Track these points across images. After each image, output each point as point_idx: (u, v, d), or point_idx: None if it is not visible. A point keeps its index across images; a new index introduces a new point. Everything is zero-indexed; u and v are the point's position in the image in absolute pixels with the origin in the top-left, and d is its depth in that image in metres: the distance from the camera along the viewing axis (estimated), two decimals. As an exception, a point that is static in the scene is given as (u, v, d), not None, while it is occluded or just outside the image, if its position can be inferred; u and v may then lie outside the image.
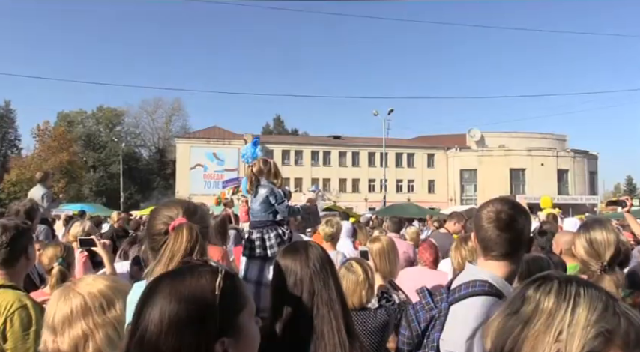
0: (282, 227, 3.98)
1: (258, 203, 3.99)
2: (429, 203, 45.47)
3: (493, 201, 1.69)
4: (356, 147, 51.24)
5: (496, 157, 49.21)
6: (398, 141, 52.18)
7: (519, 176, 49.46)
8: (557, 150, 50.20)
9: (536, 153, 49.19)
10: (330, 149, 51.07)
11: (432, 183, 51.99)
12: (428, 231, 10.62)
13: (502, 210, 1.64)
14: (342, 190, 49.55)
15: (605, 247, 2.15)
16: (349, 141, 51.88)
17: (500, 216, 1.62)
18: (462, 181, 50.48)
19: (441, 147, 52.03)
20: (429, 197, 50.33)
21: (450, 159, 51.42)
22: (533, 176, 48.55)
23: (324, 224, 4.54)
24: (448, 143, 51.62)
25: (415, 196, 48.78)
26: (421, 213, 23.61)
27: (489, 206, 1.67)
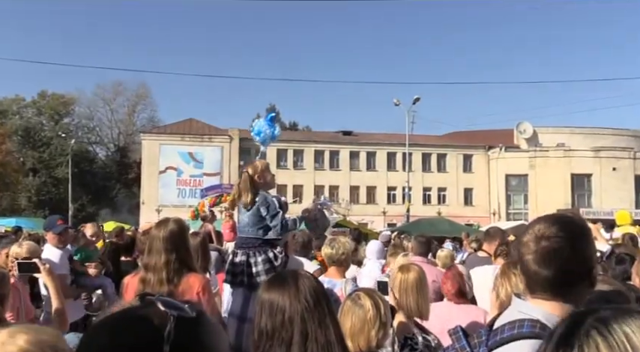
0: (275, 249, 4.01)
1: (247, 214, 4.02)
2: (465, 218, 45.34)
3: (539, 220, 1.68)
4: (371, 146, 51.32)
5: (553, 159, 49.21)
6: (425, 138, 52.24)
7: (584, 184, 49.43)
8: (635, 151, 50.17)
9: (607, 155, 49.19)
10: (339, 148, 51.19)
11: (469, 193, 51.95)
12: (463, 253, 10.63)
13: (544, 234, 1.60)
14: (353, 201, 49.58)
15: None
16: (363, 139, 51.97)
17: (541, 245, 1.60)
18: (509, 190, 50.53)
19: (480, 147, 52.07)
20: (466, 210, 50.22)
21: (492, 162, 51.45)
22: (601, 184, 48.48)
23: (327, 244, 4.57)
24: (490, 141, 51.63)
25: (447, 209, 48.70)
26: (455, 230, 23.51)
27: (532, 227, 1.66)
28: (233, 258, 4.07)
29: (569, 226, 1.64)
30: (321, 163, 50.96)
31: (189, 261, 3.25)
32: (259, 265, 3.90)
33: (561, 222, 1.64)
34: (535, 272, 1.61)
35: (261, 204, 3.95)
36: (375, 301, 2.56)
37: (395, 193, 50.55)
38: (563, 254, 1.58)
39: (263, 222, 3.96)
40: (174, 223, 3.25)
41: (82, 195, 54.07)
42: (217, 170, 47.61)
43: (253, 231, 4.00)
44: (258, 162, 4.34)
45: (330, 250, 4.48)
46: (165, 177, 47.19)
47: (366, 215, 46.66)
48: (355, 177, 50.69)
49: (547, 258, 1.59)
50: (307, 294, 1.75)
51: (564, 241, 1.59)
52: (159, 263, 3.11)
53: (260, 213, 3.95)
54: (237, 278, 3.95)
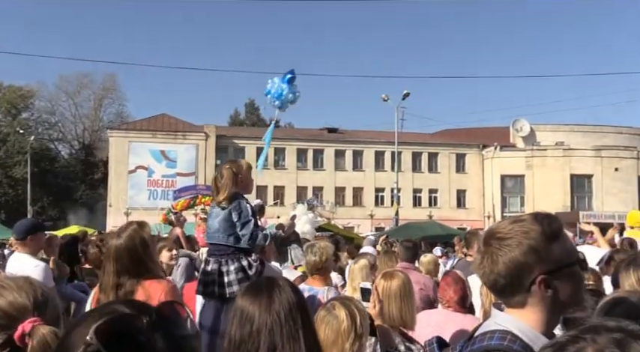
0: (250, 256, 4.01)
1: (218, 220, 4.01)
2: (457, 221, 45.66)
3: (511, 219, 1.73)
4: (358, 144, 51.47)
5: (551, 159, 49.56)
6: (416, 136, 52.53)
7: (584, 185, 49.87)
8: (639, 150, 50.62)
9: (608, 154, 49.57)
10: (324, 147, 51.27)
11: (462, 194, 52.32)
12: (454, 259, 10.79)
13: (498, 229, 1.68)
14: (338, 203, 49.59)
15: None
16: (349, 136, 52.11)
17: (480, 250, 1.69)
18: (504, 192, 50.81)
19: (474, 145, 52.45)
20: (459, 213, 50.60)
21: (487, 162, 51.74)
22: (603, 185, 48.90)
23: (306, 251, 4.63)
24: (485, 139, 51.95)
25: (439, 212, 49.02)
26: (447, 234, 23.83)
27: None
28: (205, 266, 4.05)
29: (533, 222, 1.69)
30: (304, 163, 50.95)
31: (149, 270, 3.23)
32: (231, 274, 3.89)
33: (528, 217, 1.70)
34: (491, 271, 1.66)
35: (233, 209, 3.94)
36: (351, 311, 2.53)
37: (383, 195, 50.74)
38: (511, 249, 1.64)
39: (234, 228, 3.95)
40: (126, 238, 3.21)
41: (43, 196, 53.45)
42: (192, 170, 47.38)
43: (224, 237, 3.98)
44: (243, 162, 4.36)
45: (312, 257, 4.50)
46: (135, 177, 46.83)
47: (353, 218, 46.74)
48: (341, 178, 50.76)
49: (481, 262, 1.68)
50: (279, 306, 1.79)
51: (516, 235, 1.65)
52: (108, 286, 3.17)
53: (232, 218, 3.93)
54: (209, 288, 3.94)
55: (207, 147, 48.32)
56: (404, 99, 36.02)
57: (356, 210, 49.61)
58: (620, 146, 50.77)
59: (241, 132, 53.19)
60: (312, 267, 4.52)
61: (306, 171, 50.49)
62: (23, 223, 5.11)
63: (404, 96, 35.60)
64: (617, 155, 49.68)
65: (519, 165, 49.85)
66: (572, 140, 50.92)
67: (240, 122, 67.14)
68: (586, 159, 49.30)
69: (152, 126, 48.70)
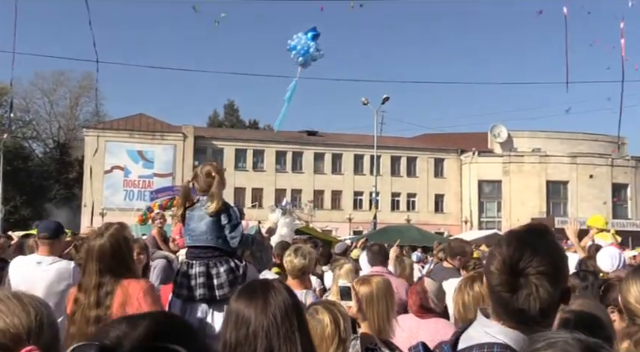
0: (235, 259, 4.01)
1: (204, 222, 3.98)
2: (435, 225, 46.01)
3: (509, 244, 1.64)
4: (338, 147, 51.59)
5: (528, 165, 50.19)
6: (395, 140, 52.84)
7: (559, 191, 50.56)
8: (613, 158, 51.16)
9: (583, 161, 50.34)
10: (303, 149, 51.29)
11: (440, 199, 52.73)
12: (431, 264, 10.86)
13: (522, 270, 1.57)
14: (317, 206, 49.68)
15: None
16: (328, 139, 52.20)
17: (519, 284, 1.57)
18: (482, 197, 51.26)
19: (452, 150, 52.89)
20: (436, 217, 50.99)
21: (464, 167, 52.19)
22: (578, 191, 49.62)
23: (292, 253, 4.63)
24: (463, 144, 52.43)
25: (417, 216, 49.33)
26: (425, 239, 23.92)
27: (502, 255, 1.62)
28: (187, 269, 3.98)
29: (548, 255, 1.62)
30: (282, 165, 50.92)
31: (129, 270, 3.31)
32: (222, 276, 3.87)
33: (537, 250, 1.61)
34: (515, 310, 1.59)
35: (224, 212, 3.94)
36: (334, 315, 2.53)
37: (362, 198, 50.88)
38: (546, 292, 1.57)
39: (223, 230, 3.94)
40: (109, 236, 3.28)
41: (15, 195, 52.52)
42: (169, 170, 47.04)
43: (212, 239, 3.96)
44: (219, 165, 4.35)
45: (301, 260, 4.48)
46: (111, 178, 46.34)
47: (331, 221, 46.84)
48: (319, 181, 50.80)
49: (529, 297, 1.57)
50: (275, 308, 1.80)
51: (546, 278, 1.58)
52: (90, 285, 3.21)
53: (220, 221, 3.93)
54: (195, 291, 3.88)
55: (185, 148, 48.03)
56: (384, 104, 36.17)
57: (334, 213, 49.70)
58: (594, 153, 51.56)
59: (220, 134, 52.94)
60: (297, 270, 4.50)
61: (284, 174, 50.46)
62: (51, 222, 4.88)
63: (383, 101, 35.74)
64: (592, 162, 50.46)
65: (497, 171, 50.36)
66: (548, 147, 51.62)
67: (219, 123, 66.82)
68: (562, 166, 50.03)
69: (129, 126, 48.25)
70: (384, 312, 3.26)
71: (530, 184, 49.27)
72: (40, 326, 1.38)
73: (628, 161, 51.91)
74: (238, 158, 49.63)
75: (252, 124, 67.14)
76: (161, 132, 48.11)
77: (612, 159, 51.00)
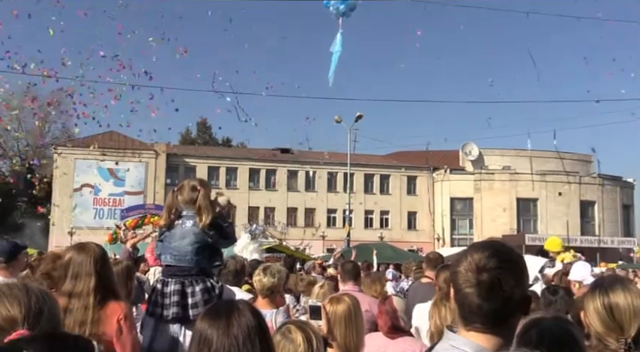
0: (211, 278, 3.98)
1: (187, 241, 3.93)
2: (408, 243, 46.27)
3: (476, 249, 1.76)
4: (311, 165, 51.65)
5: (498, 183, 50.88)
6: (368, 157, 53.09)
7: (529, 208, 51.28)
8: (581, 175, 52.39)
9: (552, 179, 51.22)
10: (276, 167, 51.23)
11: (412, 216, 53.03)
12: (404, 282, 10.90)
13: (485, 266, 1.68)
14: (290, 224, 49.56)
15: (630, 317, 2.17)
16: (302, 157, 52.24)
17: (482, 278, 1.67)
18: (454, 214, 51.68)
19: (425, 168, 53.32)
20: (409, 235, 51.25)
21: (437, 184, 52.67)
22: (547, 209, 50.44)
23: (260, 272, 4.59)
24: (435, 162, 52.94)
25: (391, 233, 49.53)
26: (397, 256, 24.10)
27: (469, 257, 1.74)
28: (162, 287, 3.92)
29: (509, 255, 1.75)
30: (256, 183, 50.76)
31: (113, 287, 3.26)
32: (197, 295, 3.82)
33: (501, 251, 1.74)
34: (478, 305, 1.68)
35: (213, 228, 3.93)
36: (307, 335, 2.52)
37: (335, 216, 50.92)
38: (506, 286, 1.67)
39: (206, 250, 3.93)
40: (98, 247, 3.31)
41: (-19, 214, 51.31)
42: (141, 188, 46.47)
43: (196, 260, 3.92)
44: (207, 183, 4.32)
45: (270, 278, 4.45)
46: (81, 196, 45.62)
47: (304, 239, 46.71)
48: (293, 198, 50.74)
49: (490, 290, 1.66)
50: (239, 329, 1.79)
51: (507, 272, 1.69)
52: (85, 288, 3.11)
53: (206, 240, 3.90)
54: (169, 310, 3.83)
55: (157, 166, 47.56)
56: (357, 122, 36.43)
57: (308, 231, 49.55)
58: (562, 171, 52.50)
59: (192, 151, 52.58)
60: (266, 289, 4.47)
61: (258, 191, 50.28)
62: (5, 245, 4.69)
63: (357, 119, 36.00)
64: (560, 180, 51.34)
65: (468, 188, 50.94)
66: (518, 165, 52.40)
67: (192, 141, 66.39)
68: (531, 184, 50.82)
69: (101, 143, 47.57)
70: (354, 332, 3.24)
71: (500, 201, 49.91)
72: (38, 314, 1.44)
73: (595, 179, 52.98)
74: (211, 176, 49.25)
75: (225, 142, 66.89)
76: (132, 149, 47.55)
77: (580, 177, 52.07)
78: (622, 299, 2.21)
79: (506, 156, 54.14)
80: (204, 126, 68.91)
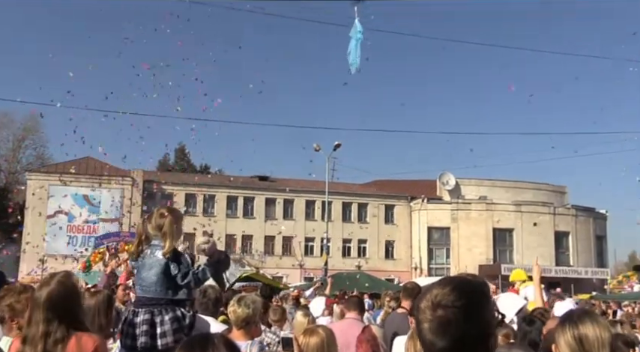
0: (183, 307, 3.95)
1: (154, 272, 3.91)
2: (386, 272, 46.19)
3: (437, 284, 1.74)
4: (289, 193, 51.61)
5: (475, 212, 51.30)
6: (346, 186, 53.23)
7: (505, 238, 51.65)
8: (555, 206, 53.11)
9: (527, 209, 51.80)
10: (254, 194, 51.06)
11: (390, 245, 53.05)
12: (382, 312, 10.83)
13: (440, 302, 1.66)
14: (268, 252, 49.24)
15: (599, 348, 2.24)
16: (280, 185, 52.18)
17: (437, 314, 1.65)
18: (431, 243, 51.81)
19: (403, 197, 53.63)
20: (387, 264, 51.19)
21: (414, 214, 52.91)
22: (523, 239, 50.86)
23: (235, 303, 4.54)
24: (413, 191, 53.28)
25: (368, 262, 49.45)
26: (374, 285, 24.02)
27: (430, 292, 1.72)
28: (132, 317, 3.90)
29: (468, 292, 1.70)
30: (234, 210, 50.46)
31: (78, 321, 3.15)
32: (166, 324, 3.78)
33: (460, 287, 1.70)
34: (431, 342, 1.66)
35: (172, 260, 3.86)
36: None
37: (313, 244, 50.71)
38: (458, 324, 1.63)
39: (173, 280, 3.87)
40: (58, 283, 3.12)
41: (-49, 241, 50.04)
42: (116, 215, 45.85)
43: (162, 291, 3.88)
44: (180, 212, 4.29)
45: (245, 310, 4.40)
46: (54, 223, 44.83)
47: (282, 268, 46.39)
48: (270, 227, 50.47)
49: (442, 327, 1.64)
50: None
51: (461, 311, 1.65)
52: (37, 335, 3.00)
53: (170, 270, 3.85)
54: (138, 340, 3.79)
55: (134, 193, 47.05)
56: (335, 150, 36.69)
57: (285, 259, 49.27)
58: (538, 202, 53.17)
59: (170, 178, 52.14)
60: (241, 321, 4.42)
61: (235, 219, 49.94)
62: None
63: (335, 147, 36.29)
64: (536, 210, 51.96)
65: (445, 218, 51.24)
66: (494, 195, 52.97)
67: (170, 168, 65.98)
68: (507, 214, 51.31)
69: (76, 170, 47.01)
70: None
71: (477, 231, 50.25)
72: None
73: (569, 210, 53.72)
74: (189, 203, 48.90)
75: (203, 169, 66.57)
76: (109, 176, 46.99)
77: (554, 208, 52.73)
78: (591, 331, 2.28)
79: (482, 186, 54.62)
80: (182, 152, 68.63)
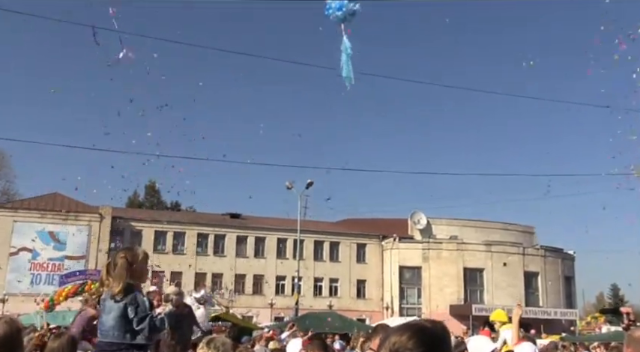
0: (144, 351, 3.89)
1: (112, 316, 3.84)
2: (358, 312, 45.86)
3: (396, 331, 1.76)
4: (261, 230, 51.26)
5: (446, 252, 51.46)
6: (317, 224, 53.13)
7: (476, 278, 51.80)
8: (524, 246, 53.65)
9: (497, 249, 52.19)
10: (225, 232, 50.56)
11: (362, 285, 52.75)
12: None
13: (399, 348, 1.68)
14: (238, 291, 48.53)
15: None
16: (251, 223, 51.87)
17: None
18: (402, 283, 51.68)
19: (374, 236, 53.67)
20: (359, 303, 50.82)
21: (386, 253, 52.88)
22: (493, 279, 51.10)
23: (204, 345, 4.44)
24: (384, 230, 53.36)
25: (340, 301, 49.03)
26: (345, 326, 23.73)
27: (389, 339, 1.74)
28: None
29: (426, 340, 1.71)
30: (204, 248, 49.80)
31: None
32: None
33: (418, 335, 1.72)
34: None
35: (130, 303, 3.78)
36: None
37: (284, 283, 50.19)
38: None
39: (130, 324, 3.79)
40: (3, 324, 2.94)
41: None
42: (82, 253, 44.80)
43: (120, 335, 3.80)
44: (139, 250, 4.20)
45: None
46: (17, 260, 43.53)
47: (252, 307, 45.66)
48: (241, 265, 49.89)
49: None
50: None
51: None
52: None
53: (127, 313, 3.77)
54: None
55: (102, 230, 46.14)
56: (307, 188, 36.74)
57: (256, 298, 48.61)
58: (507, 242, 53.64)
59: (139, 215, 51.39)
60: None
61: (205, 257, 49.26)
62: None
63: (307, 185, 36.34)
64: (505, 250, 52.34)
65: (417, 257, 51.30)
66: (465, 234, 53.35)
67: (139, 204, 65.11)
68: (477, 254, 51.61)
69: (42, 206, 46.00)
70: None
71: (448, 271, 50.36)
72: None
73: (538, 250, 54.33)
74: (158, 240, 48.14)
75: (174, 206, 65.86)
76: (76, 212, 46.09)
77: (524, 248, 53.26)
78: None
79: (453, 225, 55.06)
80: (152, 189, 67.89)
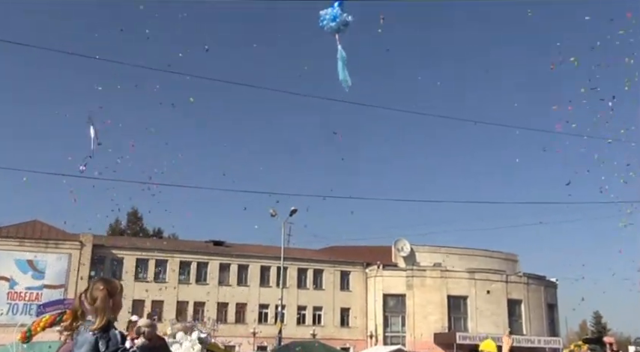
0: None
1: (83, 350, 3.68)
2: (341, 340, 45.44)
3: None
4: (244, 258, 50.85)
5: (430, 279, 51.32)
6: (301, 252, 52.89)
7: (460, 306, 51.60)
8: (507, 274, 53.70)
9: (481, 277, 52.19)
10: (208, 260, 50.07)
11: (345, 313, 52.30)
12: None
13: None
14: (221, 319, 47.77)
15: None
16: (234, 250, 51.47)
17: None
18: (386, 311, 51.31)
19: (358, 263, 53.45)
20: (342, 332, 50.32)
21: (370, 281, 52.61)
22: (477, 307, 50.98)
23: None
24: (368, 258, 53.24)
25: (323, 330, 48.54)
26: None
27: None
28: None
29: None
30: (186, 276, 49.18)
31: None
32: None
33: None
34: None
35: (100, 337, 3.66)
36: None
37: (267, 312, 49.63)
38: None
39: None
40: None
41: None
42: (61, 281, 43.96)
43: None
44: (117, 283, 4.12)
45: None
46: (-6, 289, 42.64)
47: (235, 336, 45.03)
48: (224, 293, 49.30)
49: None
50: None
51: None
52: None
53: (98, 348, 3.66)
54: None
55: (82, 257, 45.40)
56: (291, 215, 36.67)
57: (239, 327, 47.96)
58: (490, 269, 53.67)
59: (120, 242, 50.74)
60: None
61: (188, 285, 48.62)
62: None
63: (291, 213, 36.29)
64: (488, 278, 52.31)
65: (400, 285, 51.09)
66: (448, 262, 53.33)
67: (121, 231, 64.37)
68: (461, 281, 51.52)
69: (21, 233, 45.22)
70: None
71: (432, 299, 50.18)
72: None
73: (521, 278, 54.41)
74: (139, 268, 47.47)
75: (156, 233, 65.21)
76: (56, 240, 45.36)
77: (507, 275, 53.31)
78: None
79: (437, 252, 55.05)
80: (134, 216, 67.26)
